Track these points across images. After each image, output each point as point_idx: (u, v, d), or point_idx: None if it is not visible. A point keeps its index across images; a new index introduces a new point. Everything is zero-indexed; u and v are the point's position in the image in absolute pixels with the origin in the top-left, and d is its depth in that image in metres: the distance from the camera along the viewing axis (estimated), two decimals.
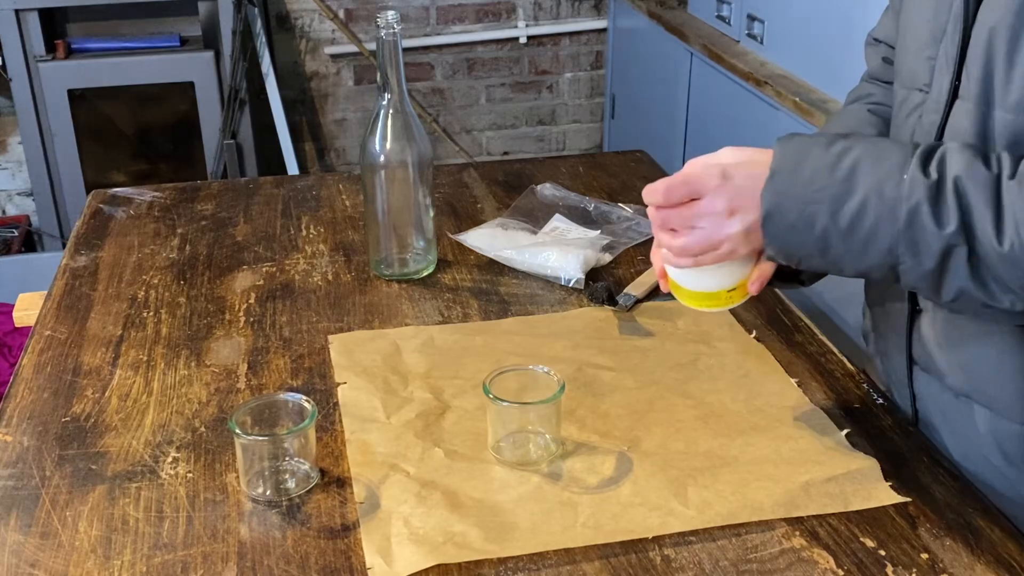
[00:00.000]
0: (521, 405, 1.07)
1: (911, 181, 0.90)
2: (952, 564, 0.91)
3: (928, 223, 0.89)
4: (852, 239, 0.93)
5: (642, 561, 0.92)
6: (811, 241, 0.94)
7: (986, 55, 0.96)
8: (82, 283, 1.42)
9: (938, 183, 0.90)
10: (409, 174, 1.37)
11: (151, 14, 3.32)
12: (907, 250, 0.91)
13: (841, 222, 0.92)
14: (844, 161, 0.93)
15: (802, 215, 0.94)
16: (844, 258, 0.94)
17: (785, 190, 0.94)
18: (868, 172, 0.92)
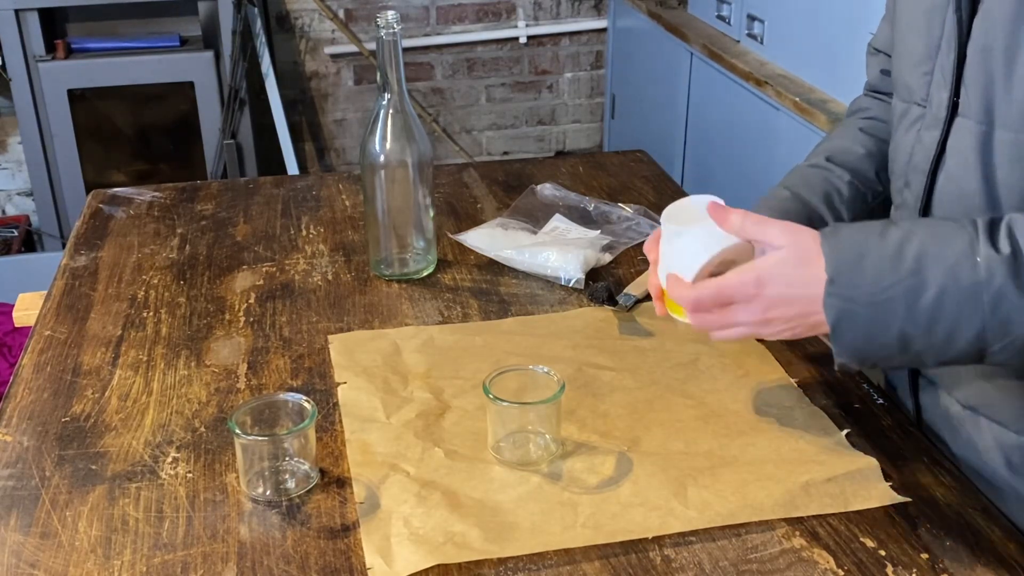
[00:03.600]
0: (521, 405, 1.07)
1: (987, 262, 0.85)
2: (952, 564, 0.91)
3: (1017, 302, 0.84)
4: (934, 334, 0.86)
5: (642, 561, 0.92)
6: (889, 343, 0.88)
7: (984, 73, 0.95)
8: (82, 283, 1.42)
9: (1014, 256, 0.84)
10: (409, 174, 1.37)
11: (151, 14, 3.32)
12: (996, 334, 0.85)
13: (919, 319, 0.86)
14: (907, 251, 0.87)
15: (875, 319, 0.87)
16: (926, 353, 0.88)
17: (850, 294, 0.87)
18: (936, 260, 0.86)
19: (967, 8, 0.97)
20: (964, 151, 0.98)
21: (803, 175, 1.21)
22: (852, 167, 1.20)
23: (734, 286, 0.93)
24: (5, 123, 3.52)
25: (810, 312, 0.91)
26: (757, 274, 0.92)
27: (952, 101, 1.00)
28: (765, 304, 0.92)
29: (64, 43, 3.17)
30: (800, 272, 0.91)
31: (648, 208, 1.60)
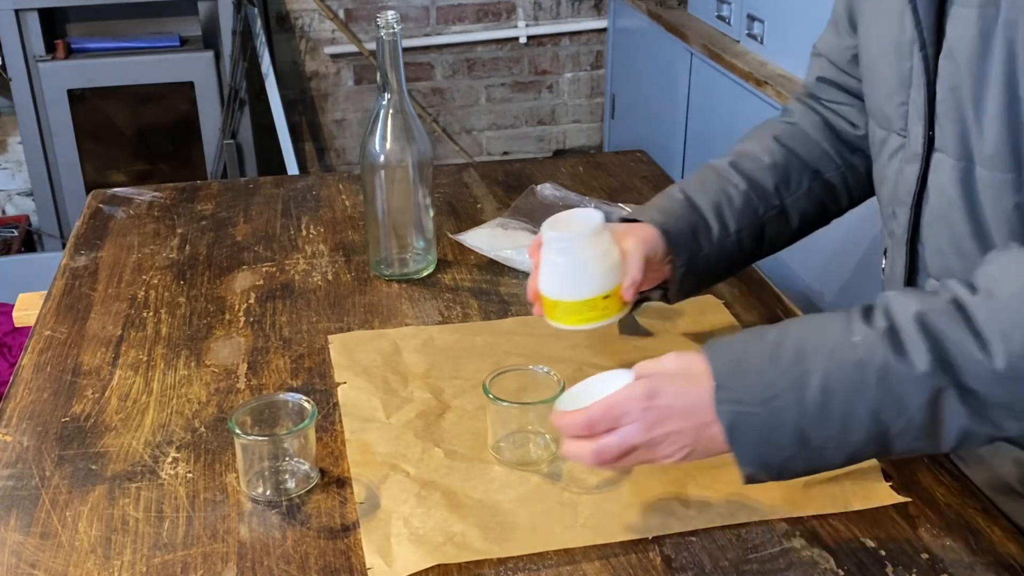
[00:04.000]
0: (521, 405, 1.07)
1: (865, 340, 0.84)
2: (952, 564, 0.91)
3: (902, 373, 0.82)
4: (829, 422, 0.84)
5: (642, 561, 0.92)
6: (787, 440, 0.85)
7: (956, 111, 0.94)
8: (82, 283, 1.42)
9: (892, 330, 0.84)
10: (409, 174, 1.37)
11: (151, 14, 3.31)
12: (892, 411, 0.83)
13: (811, 409, 0.84)
14: (785, 345, 0.87)
15: (768, 417, 0.85)
16: (827, 446, 0.86)
17: (739, 396, 0.86)
18: (815, 348, 0.86)
19: (932, 46, 0.97)
20: (945, 186, 0.98)
21: (703, 178, 1.21)
22: (752, 176, 1.19)
23: (624, 399, 0.90)
24: (5, 123, 3.52)
25: (704, 423, 0.88)
26: (648, 386, 0.90)
27: (928, 135, 0.99)
28: (658, 416, 0.89)
29: (64, 43, 3.17)
30: (689, 384, 0.89)
31: None
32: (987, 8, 0.90)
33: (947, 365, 0.82)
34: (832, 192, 1.23)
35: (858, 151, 1.22)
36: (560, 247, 1.06)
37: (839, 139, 1.23)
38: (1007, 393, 0.81)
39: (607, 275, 1.07)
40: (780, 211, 1.20)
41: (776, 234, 1.21)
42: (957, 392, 0.82)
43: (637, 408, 0.89)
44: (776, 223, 1.20)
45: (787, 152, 1.22)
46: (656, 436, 0.89)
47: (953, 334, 0.82)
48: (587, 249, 1.06)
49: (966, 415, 0.83)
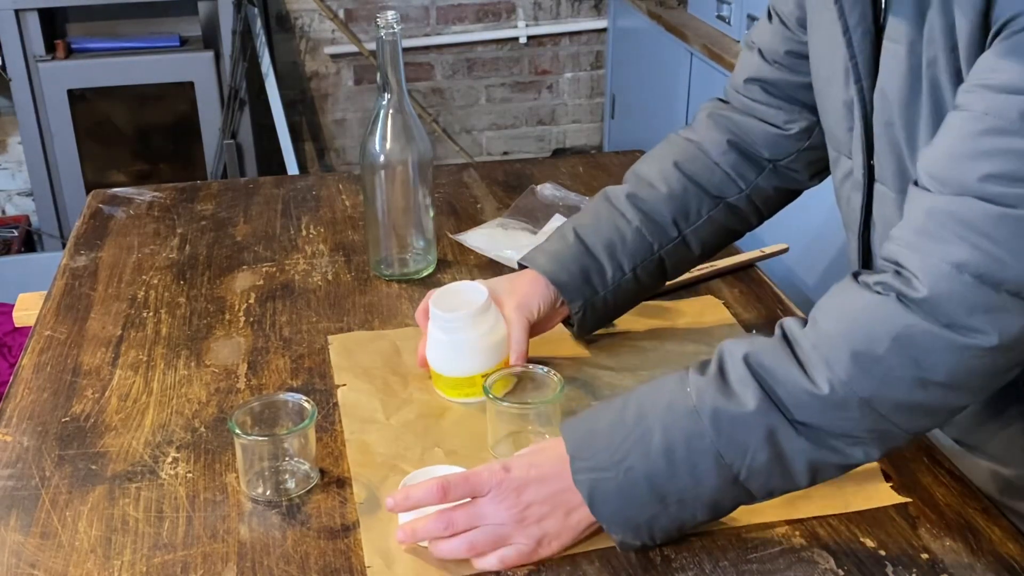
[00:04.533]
0: (521, 405, 1.07)
1: (696, 388, 0.87)
2: (952, 564, 0.91)
3: (733, 414, 0.85)
4: (678, 473, 0.87)
5: (642, 561, 0.92)
6: (644, 497, 0.88)
7: (891, 145, 0.94)
8: (82, 283, 1.42)
9: (720, 372, 0.87)
10: (409, 174, 1.37)
11: (151, 14, 3.31)
12: (734, 453, 0.86)
13: (658, 463, 0.87)
14: (629, 408, 0.90)
15: (621, 477, 0.88)
16: (684, 498, 0.88)
17: (592, 464, 0.89)
18: (654, 405, 0.89)
19: (868, 79, 0.96)
20: (887, 217, 0.98)
21: (596, 215, 1.20)
22: (646, 211, 1.18)
23: (481, 471, 0.91)
24: (5, 123, 3.52)
25: (563, 489, 0.90)
26: (500, 462, 0.92)
27: (868, 165, 0.99)
28: (515, 488, 0.90)
29: (64, 43, 3.17)
30: (545, 455, 0.92)
31: None
32: (915, 45, 0.90)
33: (776, 401, 0.85)
34: (737, 214, 1.21)
35: (765, 168, 1.19)
36: (443, 325, 1.12)
37: (744, 158, 1.20)
38: (839, 420, 0.84)
39: (487, 354, 1.12)
40: (680, 242, 1.19)
41: (677, 262, 1.21)
42: (791, 426, 0.85)
43: (494, 480, 0.90)
44: (675, 253, 1.20)
45: (686, 180, 1.19)
46: (518, 512, 0.89)
47: (779, 368, 0.85)
48: (469, 329, 1.11)
49: (808, 447, 0.85)
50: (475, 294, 1.14)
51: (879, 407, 0.84)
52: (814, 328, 0.86)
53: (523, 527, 0.90)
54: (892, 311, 0.82)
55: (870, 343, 0.83)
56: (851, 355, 0.83)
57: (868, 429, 0.85)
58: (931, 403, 0.84)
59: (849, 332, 0.84)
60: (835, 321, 0.85)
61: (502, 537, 0.90)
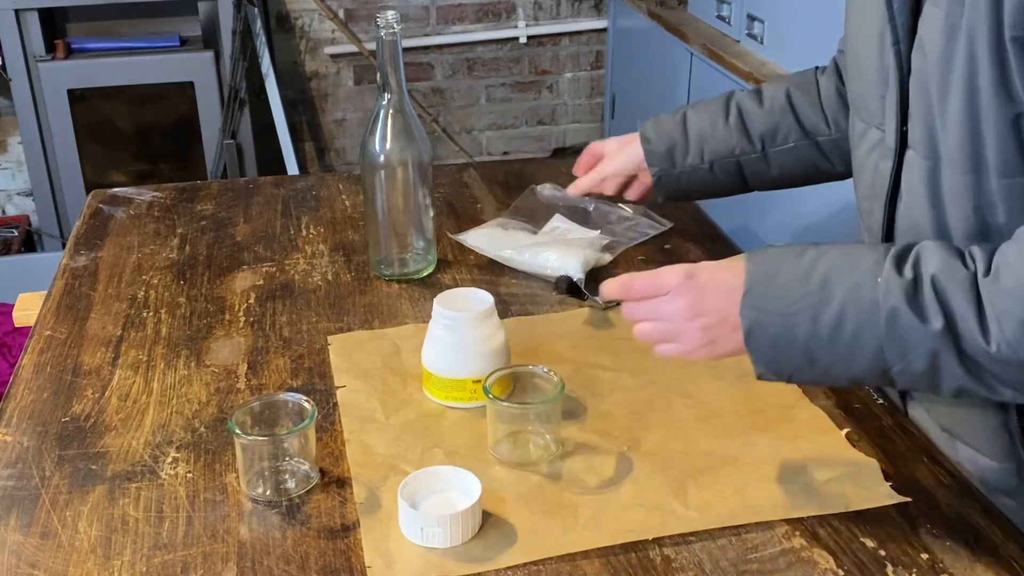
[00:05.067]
0: (521, 405, 1.07)
1: (886, 283, 0.88)
2: (952, 564, 0.91)
3: (910, 324, 0.87)
4: (836, 347, 0.90)
5: (642, 561, 0.92)
6: (796, 353, 0.92)
7: (925, 108, 0.95)
8: (82, 283, 1.42)
9: (915, 282, 0.88)
10: (409, 174, 1.37)
11: (151, 14, 3.31)
12: (895, 353, 0.88)
13: (822, 331, 0.90)
14: (817, 269, 0.92)
15: (783, 328, 0.92)
16: (833, 367, 0.92)
17: (762, 305, 0.93)
18: (842, 278, 0.90)
19: (905, 42, 0.98)
20: (915, 184, 0.99)
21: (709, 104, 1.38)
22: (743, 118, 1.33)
23: (666, 272, 0.98)
24: (5, 123, 3.52)
25: (729, 315, 0.95)
26: (687, 267, 0.98)
27: (901, 131, 1.00)
28: (692, 297, 0.96)
29: (64, 43, 3.17)
30: (725, 276, 0.96)
31: (648, 209, 1.60)
32: (953, 10, 0.91)
33: (952, 331, 0.86)
34: (822, 154, 1.30)
35: None
36: (444, 324, 1.12)
37: (844, 108, 1.26)
38: (999, 370, 0.86)
39: (483, 360, 1.12)
40: (760, 157, 1.30)
41: (755, 173, 1.34)
42: (956, 355, 0.87)
43: (676, 284, 0.97)
44: (753, 165, 1.31)
45: (787, 107, 1.30)
46: (688, 313, 0.96)
47: (959, 306, 0.86)
48: (468, 331, 1.12)
49: (963, 375, 0.88)
50: (480, 300, 1.14)
51: None
52: (996, 282, 0.86)
53: (689, 328, 0.97)
54: None
55: None
56: (1020, 321, 0.84)
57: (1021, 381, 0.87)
58: None
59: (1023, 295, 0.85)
60: (1014, 279, 0.85)
61: (670, 334, 0.98)
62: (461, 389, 1.12)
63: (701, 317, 0.96)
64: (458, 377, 1.12)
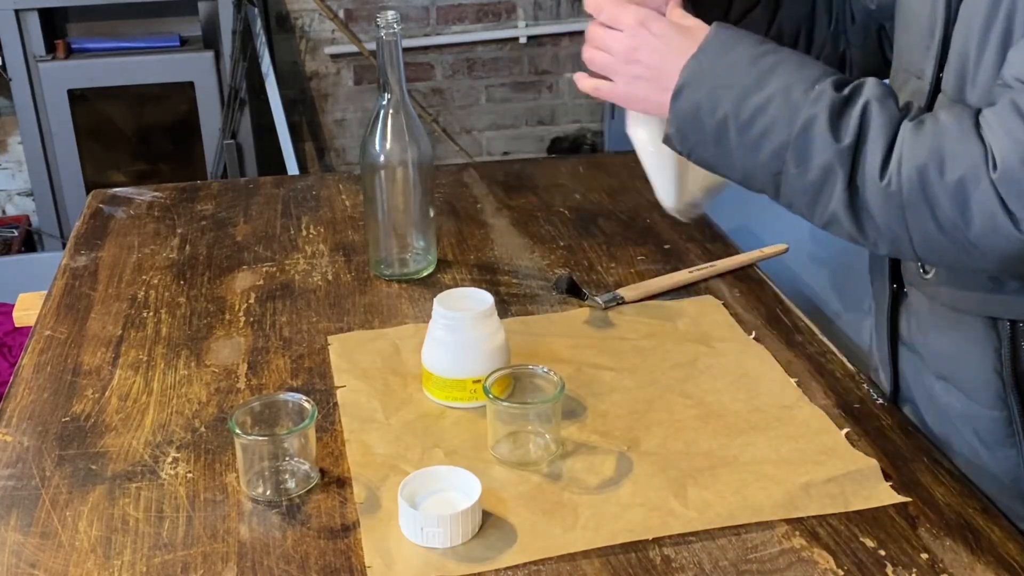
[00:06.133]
0: (521, 405, 1.07)
1: (819, 92, 0.93)
2: (952, 564, 0.91)
3: (821, 134, 0.91)
4: (747, 132, 0.95)
5: (642, 561, 0.92)
6: (709, 127, 0.97)
7: (961, 56, 0.97)
8: (82, 283, 1.42)
9: (845, 100, 0.92)
10: (409, 174, 1.37)
11: (151, 14, 3.31)
12: (794, 156, 0.93)
13: (742, 113, 0.95)
14: (766, 59, 0.96)
15: (709, 96, 0.96)
16: (735, 152, 0.96)
17: (704, 68, 0.97)
18: (783, 74, 0.95)
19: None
20: None
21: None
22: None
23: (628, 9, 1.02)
24: (5, 123, 3.52)
25: (665, 72, 1.00)
26: (647, 13, 1.02)
27: (936, 76, 1.02)
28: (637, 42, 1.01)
29: (64, 43, 3.17)
30: (679, 36, 1.01)
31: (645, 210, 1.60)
32: None
33: (855, 154, 0.91)
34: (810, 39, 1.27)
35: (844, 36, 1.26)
36: (444, 324, 1.12)
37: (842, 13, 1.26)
38: (878, 207, 0.91)
39: (483, 360, 1.12)
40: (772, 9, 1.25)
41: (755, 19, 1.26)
42: (847, 179, 0.91)
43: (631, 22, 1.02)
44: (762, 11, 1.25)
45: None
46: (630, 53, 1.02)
47: (874, 134, 0.91)
48: (469, 331, 1.12)
49: (843, 202, 0.92)
50: (480, 300, 1.14)
51: (910, 218, 0.90)
52: (917, 129, 0.90)
53: (621, 71, 1.03)
54: (976, 157, 0.87)
55: (941, 169, 0.88)
56: (920, 167, 0.88)
57: (890, 227, 0.91)
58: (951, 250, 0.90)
59: (936, 147, 0.88)
60: (932, 133, 0.89)
61: (605, 68, 1.05)
62: (461, 389, 1.12)
63: (636, 65, 1.02)
64: (458, 377, 1.12)
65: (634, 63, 1.02)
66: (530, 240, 1.54)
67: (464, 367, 1.12)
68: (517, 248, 1.52)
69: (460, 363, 1.12)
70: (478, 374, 1.11)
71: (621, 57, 1.03)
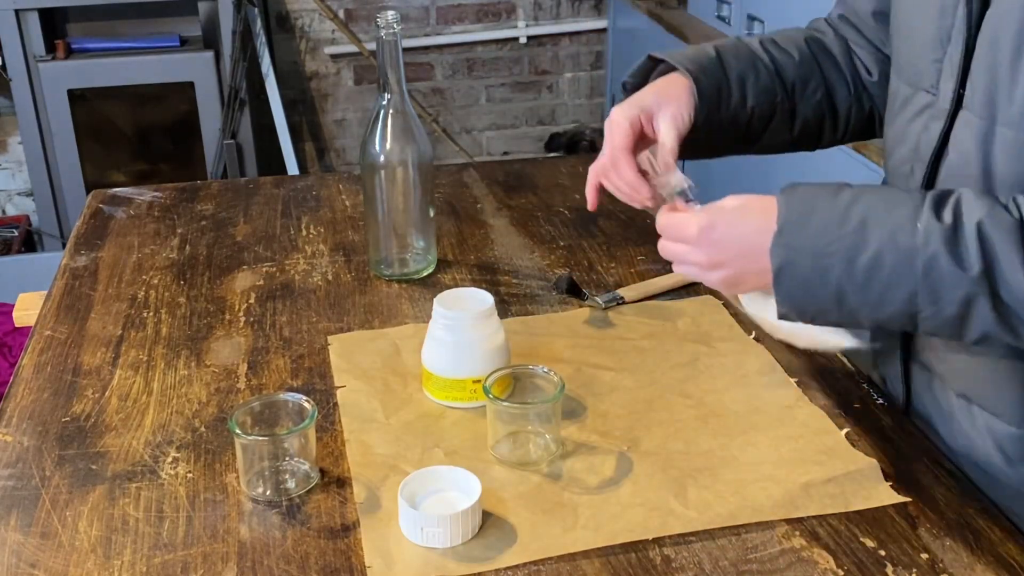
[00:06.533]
0: (521, 405, 1.07)
1: (926, 229, 0.88)
2: (952, 564, 0.91)
3: (948, 270, 0.87)
4: (868, 291, 0.91)
5: (642, 561, 0.92)
6: (826, 295, 0.92)
7: (990, 68, 0.95)
8: (82, 283, 1.42)
9: (954, 228, 0.88)
10: (409, 174, 1.37)
11: (151, 14, 3.32)
12: (927, 299, 0.89)
13: (856, 275, 0.91)
14: (853, 212, 0.92)
15: (815, 270, 0.92)
16: (861, 310, 0.93)
17: (795, 244, 0.93)
18: (879, 222, 0.90)
19: (978, 1, 0.97)
20: (965, 144, 0.98)
21: (736, 47, 1.24)
22: (779, 64, 1.23)
23: (689, 221, 1.00)
24: (5, 123, 3.52)
25: (754, 257, 0.96)
26: (709, 216, 0.99)
27: (958, 93, 1.00)
28: (710, 250, 0.99)
29: (64, 43, 3.17)
30: (751, 219, 0.97)
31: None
32: None
33: (991, 275, 0.87)
34: (835, 115, 1.26)
35: (866, 92, 1.25)
36: (444, 324, 1.12)
37: (855, 73, 1.25)
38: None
39: (483, 360, 1.12)
40: (790, 109, 1.24)
41: (777, 129, 1.25)
42: (991, 300, 0.87)
43: (694, 234, 0.99)
44: (783, 117, 1.24)
45: (813, 59, 1.25)
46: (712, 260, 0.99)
47: (1003, 251, 0.86)
48: (469, 331, 1.12)
49: (993, 321, 0.88)
50: (480, 300, 1.14)
51: None
52: None
53: (710, 277, 1.01)
54: None
55: None
56: None
57: None
58: None
59: None
60: None
61: (701, 278, 1.02)
62: (461, 389, 1.12)
63: (720, 269, 0.99)
64: (458, 377, 1.12)
65: (719, 268, 0.99)
66: (530, 240, 1.54)
67: (464, 367, 1.12)
68: (517, 248, 1.52)
69: (460, 363, 1.12)
70: (478, 374, 1.11)
71: (701, 267, 1.00)
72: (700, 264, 1.00)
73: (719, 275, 1.00)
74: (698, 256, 1.00)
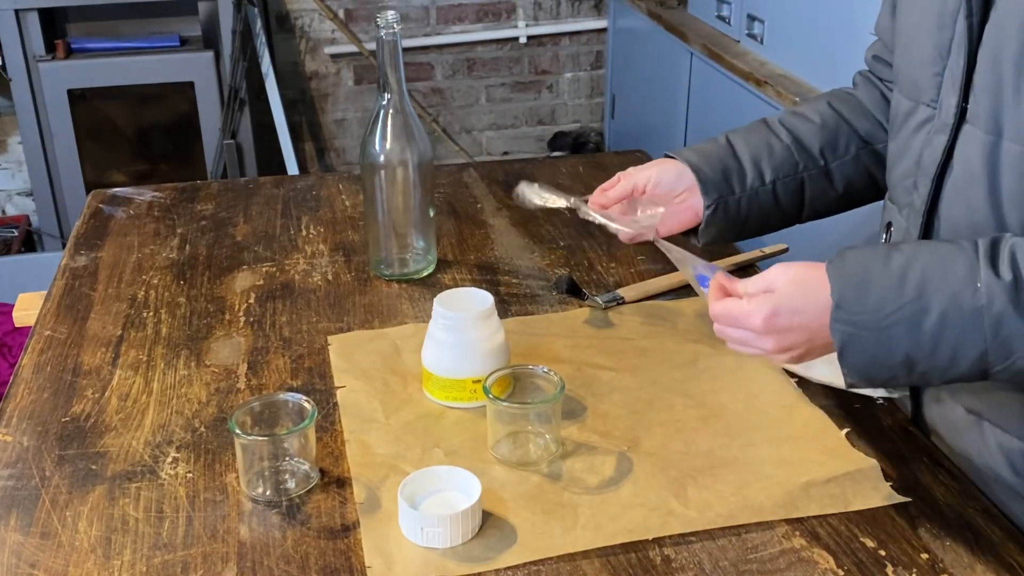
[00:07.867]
0: (521, 405, 1.07)
1: (987, 288, 0.88)
2: (952, 564, 0.91)
3: (1016, 327, 0.87)
4: (937, 356, 0.90)
5: (642, 561, 0.92)
6: (895, 365, 0.92)
7: (993, 82, 0.95)
8: (82, 283, 1.42)
9: (1015, 283, 0.87)
10: (409, 174, 1.37)
11: (151, 14, 3.31)
12: (999, 356, 0.88)
13: (923, 342, 0.90)
14: (910, 277, 0.90)
15: (880, 343, 0.91)
16: (931, 373, 0.92)
17: (856, 320, 0.91)
18: (938, 285, 0.89)
19: (979, 14, 0.97)
20: (970, 159, 0.98)
21: (749, 129, 1.28)
22: (797, 133, 1.25)
23: (751, 311, 0.97)
24: (5, 123, 3.52)
25: (818, 335, 0.95)
26: (771, 306, 0.96)
27: (961, 107, 0.99)
28: (778, 337, 0.97)
29: (64, 43, 3.17)
30: (809, 300, 0.95)
31: None
32: None
33: None
34: (880, 160, 1.25)
35: None
36: (444, 324, 1.12)
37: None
38: None
39: (483, 360, 1.12)
40: (823, 172, 1.24)
41: (818, 194, 1.26)
42: None
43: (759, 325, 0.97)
44: (818, 183, 1.25)
45: (838, 117, 1.26)
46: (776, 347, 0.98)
47: None
48: (469, 331, 1.12)
49: None
50: (480, 300, 1.14)
51: None
52: None
53: (779, 358, 1.01)
54: None
55: None
56: None
57: None
58: None
59: None
60: None
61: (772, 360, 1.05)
62: (461, 389, 1.12)
63: (789, 352, 0.98)
64: (458, 377, 1.12)
65: (789, 351, 0.98)
66: (530, 240, 1.54)
67: (464, 367, 1.12)
68: (517, 248, 1.52)
69: (460, 363, 1.12)
70: (478, 374, 1.11)
71: (774, 352, 0.99)
72: (769, 350, 0.99)
73: (787, 356, 0.99)
74: (767, 344, 0.98)
